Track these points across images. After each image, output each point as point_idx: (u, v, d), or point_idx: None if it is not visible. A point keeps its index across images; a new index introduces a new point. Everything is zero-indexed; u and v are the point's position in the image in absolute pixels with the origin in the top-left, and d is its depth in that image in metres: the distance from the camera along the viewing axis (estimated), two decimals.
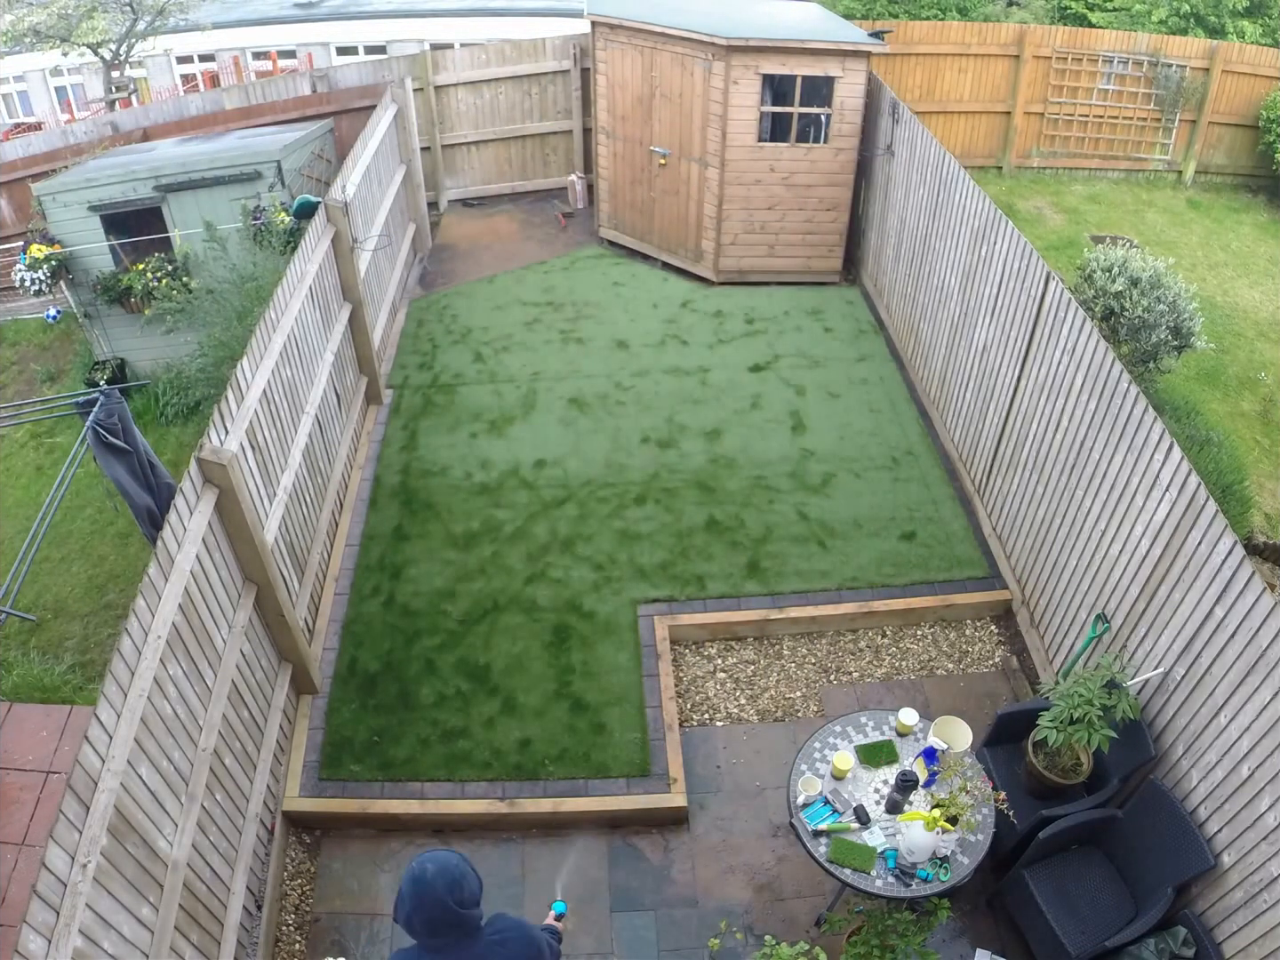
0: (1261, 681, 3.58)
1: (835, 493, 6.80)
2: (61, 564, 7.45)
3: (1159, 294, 7.29)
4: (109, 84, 14.58)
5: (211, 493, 4.26)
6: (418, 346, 8.50)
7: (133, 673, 3.50)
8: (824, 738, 4.44)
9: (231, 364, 5.37)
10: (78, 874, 3.00)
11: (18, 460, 8.75)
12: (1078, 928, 4.03)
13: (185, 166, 8.33)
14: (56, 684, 6.18)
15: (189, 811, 3.86)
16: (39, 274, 8.31)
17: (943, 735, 4.31)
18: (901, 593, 6.04)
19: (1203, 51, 11.40)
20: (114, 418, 5.16)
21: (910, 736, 4.43)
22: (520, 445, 7.28)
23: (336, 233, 6.57)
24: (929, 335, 7.54)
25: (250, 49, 20.12)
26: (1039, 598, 5.67)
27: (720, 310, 8.95)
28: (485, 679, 5.58)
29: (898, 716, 4.43)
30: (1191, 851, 3.86)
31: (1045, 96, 11.60)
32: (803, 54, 8.14)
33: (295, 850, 4.90)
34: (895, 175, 8.16)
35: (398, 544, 6.42)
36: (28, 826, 3.89)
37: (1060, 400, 5.30)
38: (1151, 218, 11.38)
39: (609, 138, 9.49)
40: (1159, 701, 4.28)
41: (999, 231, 6.08)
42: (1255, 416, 8.46)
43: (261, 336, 5.16)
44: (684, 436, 7.34)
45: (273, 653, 5.04)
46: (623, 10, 8.82)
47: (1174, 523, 4.20)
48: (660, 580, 6.14)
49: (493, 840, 4.93)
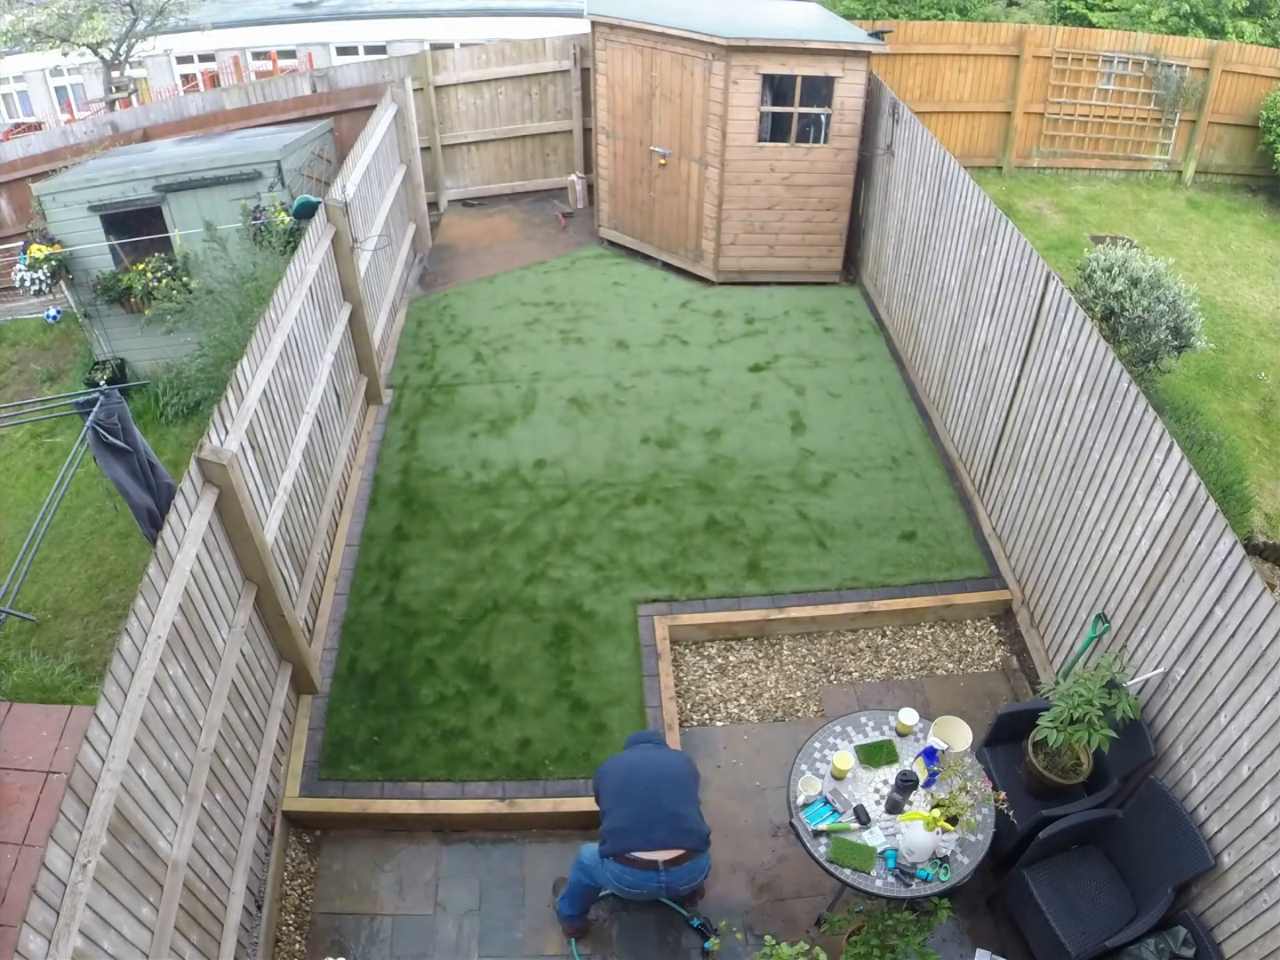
0: (1261, 681, 3.58)
1: (835, 493, 6.80)
2: (61, 564, 7.45)
3: (1159, 294, 7.29)
4: (109, 84, 14.58)
5: (211, 493, 4.26)
6: (418, 346, 8.50)
7: (133, 673, 3.50)
8: (824, 737, 4.44)
9: (231, 364, 5.37)
10: (78, 874, 3.00)
11: (18, 460, 8.75)
12: (1078, 927, 4.03)
13: (185, 166, 8.34)
14: (56, 684, 6.18)
15: (189, 811, 3.86)
16: (39, 274, 8.31)
17: (943, 735, 4.31)
18: (901, 593, 6.04)
19: (1203, 51, 11.40)
20: (114, 418, 5.16)
21: (910, 736, 4.44)
22: (520, 445, 7.28)
23: (336, 233, 6.57)
24: (929, 335, 7.54)
25: (250, 49, 20.13)
26: (1039, 598, 5.67)
27: (720, 310, 8.95)
28: (485, 679, 5.58)
29: (898, 716, 4.44)
30: (1191, 851, 3.87)
31: (1045, 96, 11.60)
32: (803, 54, 8.14)
33: (295, 850, 4.90)
34: (895, 175, 8.16)
35: (398, 544, 6.42)
36: (28, 826, 3.89)
37: (1060, 400, 5.30)
38: (1151, 218, 11.38)
39: (609, 138, 9.49)
40: (1159, 701, 4.29)
41: (999, 231, 6.08)
42: (1255, 416, 8.46)
43: (261, 336, 5.16)
44: (684, 436, 7.34)
45: (273, 653, 5.04)
46: (623, 10, 8.82)
47: (1174, 523, 4.20)
48: (660, 580, 6.14)
49: (493, 840, 4.93)
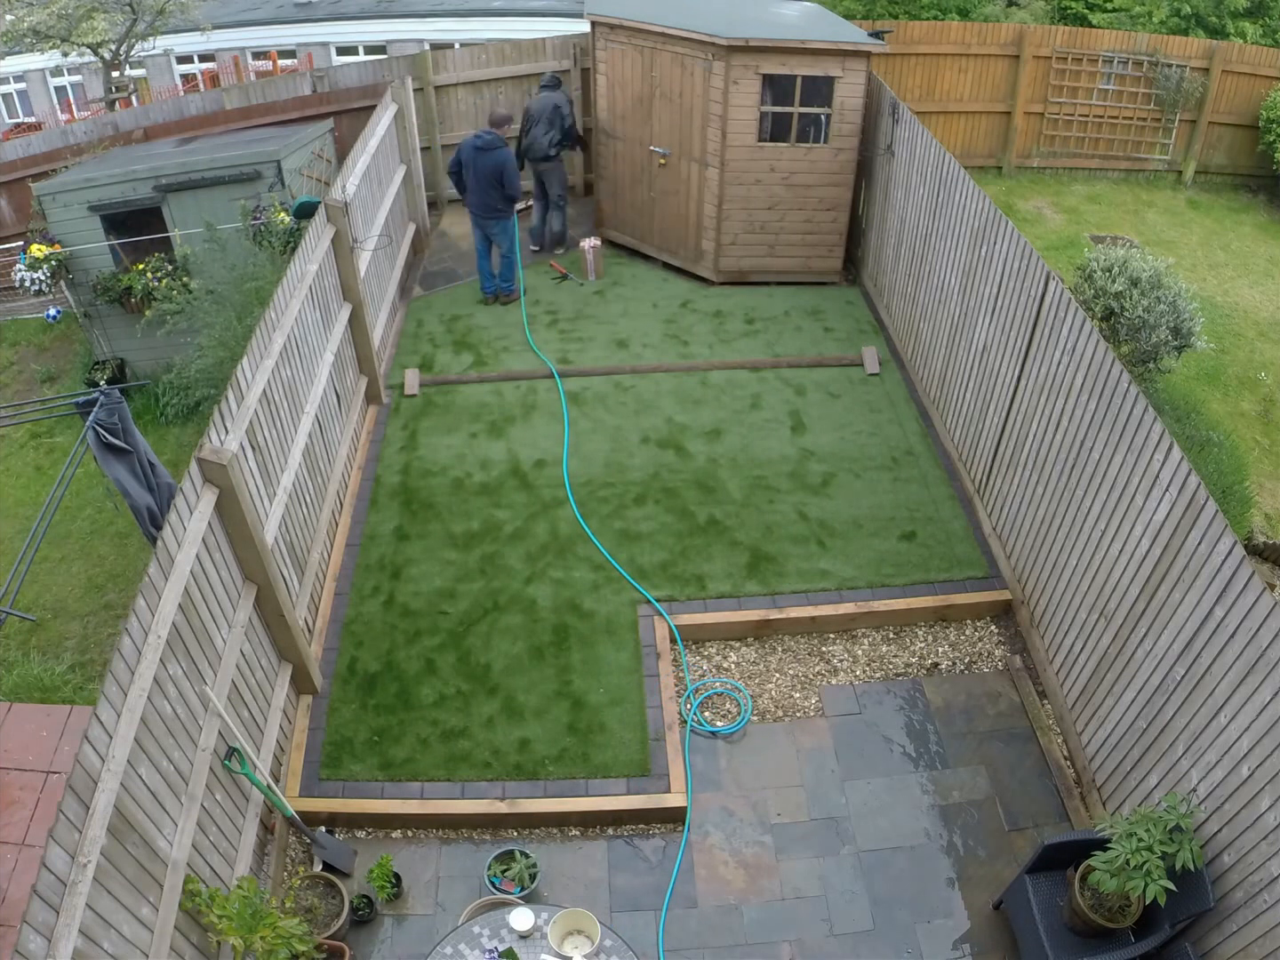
0: (1261, 681, 3.58)
1: (835, 493, 6.80)
2: (61, 564, 7.45)
3: (1159, 294, 7.29)
4: (109, 84, 14.55)
5: (211, 493, 4.26)
6: (418, 347, 8.50)
7: (133, 672, 3.51)
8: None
9: (231, 364, 5.37)
10: (77, 874, 3.00)
11: (17, 460, 8.74)
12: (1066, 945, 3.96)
13: (185, 166, 8.33)
14: (56, 684, 6.18)
15: (189, 811, 3.87)
16: (39, 274, 8.30)
17: (571, 927, 3.82)
18: (901, 592, 6.04)
19: (1203, 51, 11.39)
20: (114, 418, 5.16)
21: (535, 938, 3.83)
22: (520, 445, 7.28)
23: (336, 233, 6.57)
24: (929, 335, 7.54)
25: (250, 49, 20.11)
26: (1039, 597, 5.67)
27: (720, 310, 8.95)
28: (485, 679, 5.58)
29: (509, 921, 3.82)
30: (1194, 893, 3.81)
31: (1045, 96, 11.59)
32: (803, 54, 8.14)
33: (295, 850, 4.90)
34: (895, 175, 8.16)
35: (398, 544, 6.42)
36: (28, 826, 3.89)
37: (1060, 400, 5.30)
38: (1151, 218, 11.38)
39: (609, 137, 9.49)
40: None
41: (999, 231, 6.08)
42: (1255, 416, 8.46)
43: (261, 336, 5.16)
44: (684, 436, 7.34)
45: (273, 653, 5.04)
46: (622, 10, 8.82)
47: (1174, 523, 4.20)
48: (660, 580, 6.14)
49: (493, 840, 4.93)
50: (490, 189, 8.38)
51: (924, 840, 4.91)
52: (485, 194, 8.44)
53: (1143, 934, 4.08)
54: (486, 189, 8.39)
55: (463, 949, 3.80)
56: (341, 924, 4.41)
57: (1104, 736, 4.82)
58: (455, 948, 3.80)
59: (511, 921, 3.81)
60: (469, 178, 8.45)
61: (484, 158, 8.27)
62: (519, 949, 3.75)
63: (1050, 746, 5.28)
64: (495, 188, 8.38)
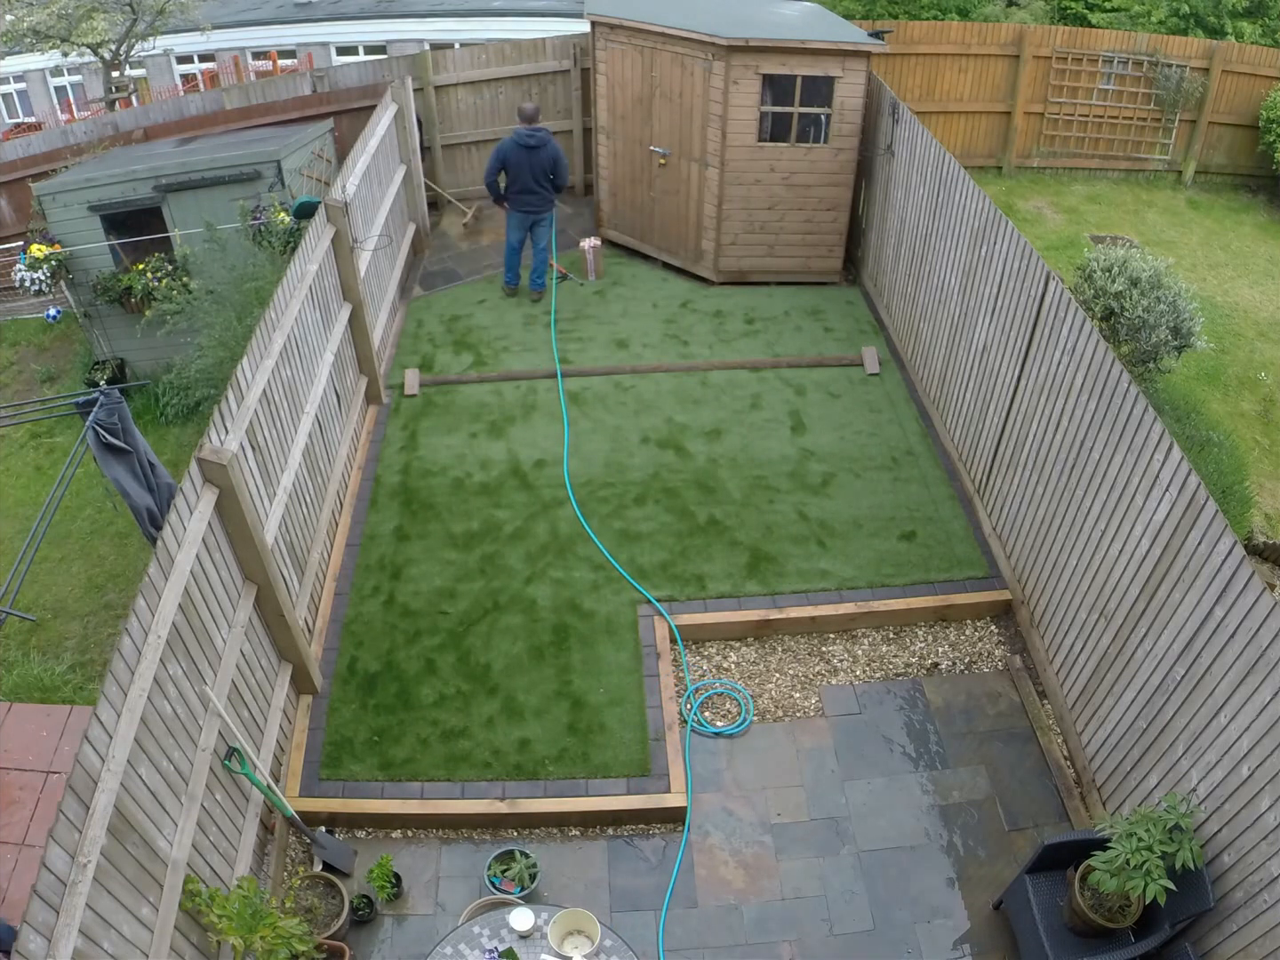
0: (1261, 681, 3.58)
1: (835, 493, 6.80)
2: (61, 564, 7.45)
3: (1159, 294, 7.28)
4: (109, 84, 14.55)
5: (211, 493, 4.26)
6: (418, 347, 8.50)
7: (133, 672, 3.51)
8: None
9: (231, 364, 5.37)
10: (77, 874, 3.00)
11: (17, 460, 8.74)
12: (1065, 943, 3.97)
13: (185, 166, 8.32)
14: (56, 684, 6.18)
15: (189, 811, 3.87)
16: (39, 274, 8.30)
17: (571, 927, 3.81)
18: (901, 592, 6.04)
19: (1202, 51, 11.39)
20: (114, 418, 5.16)
21: (535, 938, 3.84)
22: (520, 445, 7.28)
23: (336, 233, 6.57)
24: (929, 335, 7.54)
25: (250, 49, 20.11)
26: (1039, 597, 5.67)
27: (720, 310, 8.95)
28: (485, 679, 5.58)
29: (509, 921, 3.82)
30: (1194, 893, 3.81)
31: (1045, 96, 11.60)
32: (803, 54, 8.14)
33: (295, 850, 4.90)
34: (895, 175, 8.16)
35: (398, 544, 6.42)
36: (28, 826, 3.90)
37: (1060, 400, 5.30)
38: (1151, 218, 11.38)
39: (609, 137, 9.48)
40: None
41: (999, 231, 6.08)
42: (1255, 416, 8.46)
43: (261, 336, 5.16)
44: (684, 436, 7.34)
45: (273, 653, 5.04)
46: (622, 10, 8.82)
47: (1174, 523, 4.20)
48: (660, 580, 6.14)
49: (493, 840, 4.93)
50: (542, 182, 8.43)
51: (924, 840, 4.91)
52: (538, 188, 8.45)
53: (1143, 934, 4.09)
54: (539, 183, 8.42)
55: (463, 949, 3.80)
56: (341, 924, 4.41)
57: (1104, 736, 4.82)
58: (455, 948, 3.79)
59: (511, 921, 3.81)
60: (518, 177, 8.37)
61: (537, 155, 8.28)
62: (519, 949, 3.76)
63: (1050, 746, 5.28)
64: (547, 180, 8.45)
